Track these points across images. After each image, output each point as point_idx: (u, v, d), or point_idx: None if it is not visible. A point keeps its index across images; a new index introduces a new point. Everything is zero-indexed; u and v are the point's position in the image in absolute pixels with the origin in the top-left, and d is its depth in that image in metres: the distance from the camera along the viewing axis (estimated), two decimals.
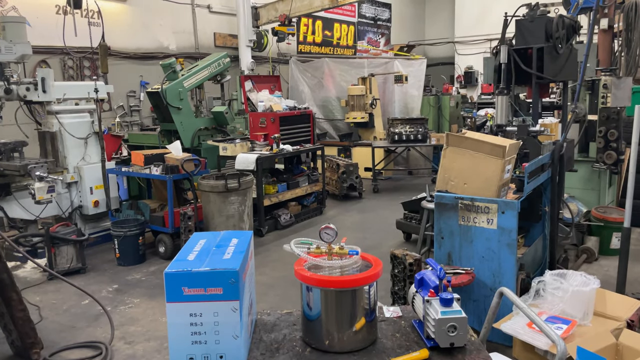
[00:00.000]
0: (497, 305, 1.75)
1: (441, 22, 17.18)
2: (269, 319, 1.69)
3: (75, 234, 5.26)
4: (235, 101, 9.69)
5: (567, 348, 1.50)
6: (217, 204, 5.54)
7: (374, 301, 1.51)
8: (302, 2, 9.76)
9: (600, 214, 5.28)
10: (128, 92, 9.13)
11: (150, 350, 3.71)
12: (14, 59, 5.35)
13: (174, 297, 1.33)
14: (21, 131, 6.03)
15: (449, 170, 3.48)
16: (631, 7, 6.45)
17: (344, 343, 1.46)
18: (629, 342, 2.85)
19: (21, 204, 5.42)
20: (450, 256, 3.49)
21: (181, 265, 1.36)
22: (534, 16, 4.53)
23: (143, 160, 5.91)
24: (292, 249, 1.57)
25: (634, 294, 3.77)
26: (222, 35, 10.90)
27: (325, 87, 11.72)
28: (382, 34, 16.11)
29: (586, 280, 3.16)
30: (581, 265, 4.96)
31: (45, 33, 7.56)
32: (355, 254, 1.55)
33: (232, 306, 1.33)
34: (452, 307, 1.45)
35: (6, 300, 3.26)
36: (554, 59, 4.48)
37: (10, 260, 5.32)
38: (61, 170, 5.83)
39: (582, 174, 5.57)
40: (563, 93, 5.26)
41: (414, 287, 1.62)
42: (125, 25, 9.06)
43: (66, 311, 4.40)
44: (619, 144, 5.09)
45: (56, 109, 5.79)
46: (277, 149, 6.80)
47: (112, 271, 5.37)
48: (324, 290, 1.44)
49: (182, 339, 1.35)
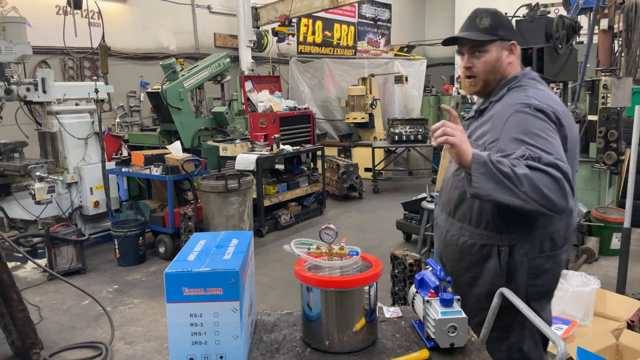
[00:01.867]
0: (497, 305, 1.75)
1: (441, 22, 17.18)
2: (269, 319, 1.69)
3: (76, 234, 5.26)
4: (236, 101, 9.69)
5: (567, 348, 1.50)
6: (217, 204, 5.54)
7: (374, 301, 1.51)
8: (302, 3, 9.76)
9: (601, 215, 5.28)
10: (128, 93, 9.13)
11: (150, 350, 3.71)
12: (14, 60, 5.35)
13: (174, 297, 1.33)
14: (21, 131, 6.03)
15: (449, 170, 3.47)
16: (631, 7, 6.45)
17: (344, 343, 1.46)
18: (629, 343, 2.85)
19: (21, 204, 5.42)
20: None
21: (181, 265, 1.36)
22: (534, 16, 4.54)
23: (143, 160, 5.91)
24: (292, 249, 1.57)
25: (634, 295, 3.76)
26: (222, 35, 10.90)
27: (325, 88, 11.73)
28: (382, 35, 16.11)
29: (586, 281, 3.17)
30: (581, 265, 4.96)
31: (46, 33, 7.56)
32: (355, 254, 1.55)
33: (232, 306, 1.33)
34: (453, 307, 1.45)
35: (6, 301, 3.26)
36: (554, 59, 4.48)
37: (11, 261, 5.32)
38: (61, 171, 5.83)
39: (582, 174, 5.56)
40: (563, 93, 5.27)
41: (414, 288, 1.62)
42: (126, 25, 9.06)
43: (66, 311, 4.40)
44: (619, 144, 5.09)
45: (56, 110, 5.79)
46: (277, 149, 6.80)
47: (112, 271, 5.37)
48: (324, 291, 1.44)
49: (182, 340, 1.35)
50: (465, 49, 1.77)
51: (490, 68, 1.75)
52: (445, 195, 1.91)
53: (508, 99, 1.73)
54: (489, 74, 1.76)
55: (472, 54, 1.75)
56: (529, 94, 1.70)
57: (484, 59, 1.75)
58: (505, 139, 1.61)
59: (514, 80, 1.78)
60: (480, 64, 1.75)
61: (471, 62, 1.75)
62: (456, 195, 1.81)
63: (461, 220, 1.82)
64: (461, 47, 1.78)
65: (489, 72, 1.76)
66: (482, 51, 1.74)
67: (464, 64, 1.77)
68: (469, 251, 1.80)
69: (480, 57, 1.75)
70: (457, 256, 1.85)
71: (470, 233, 1.80)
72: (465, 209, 1.79)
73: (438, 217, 2.02)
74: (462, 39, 1.76)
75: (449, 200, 1.88)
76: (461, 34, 1.77)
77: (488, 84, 1.78)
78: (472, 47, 1.75)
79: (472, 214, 1.78)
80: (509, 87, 1.76)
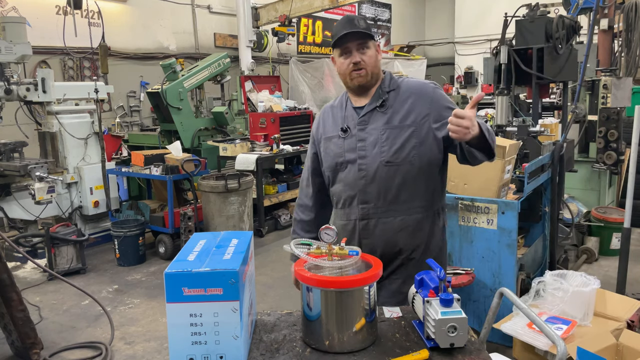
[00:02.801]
0: (497, 305, 1.75)
1: (441, 23, 17.17)
2: (269, 319, 1.69)
3: (75, 234, 5.26)
4: (235, 101, 9.68)
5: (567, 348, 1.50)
6: (217, 204, 5.54)
7: (374, 301, 1.51)
8: (302, 3, 9.76)
9: (600, 215, 5.28)
10: (128, 93, 9.13)
11: (150, 350, 3.71)
12: (14, 60, 5.35)
13: (174, 297, 1.33)
14: (21, 131, 6.03)
15: (449, 170, 3.46)
16: (631, 7, 6.45)
17: (344, 343, 1.46)
18: (629, 343, 2.85)
19: (21, 204, 5.42)
20: (450, 256, 3.49)
21: (181, 265, 1.36)
22: (534, 16, 4.53)
23: (143, 160, 5.91)
24: (292, 249, 1.57)
25: (634, 295, 3.76)
26: (222, 35, 10.90)
27: (325, 88, 11.72)
28: (382, 35, 16.11)
29: (586, 281, 3.16)
30: (581, 265, 4.96)
31: (45, 33, 7.56)
32: (355, 255, 1.56)
33: (232, 306, 1.33)
34: (452, 307, 1.45)
35: (6, 301, 3.26)
36: (554, 59, 4.48)
37: (10, 261, 5.32)
38: (61, 171, 5.83)
39: (582, 174, 5.56)
40: (563, 93, 5.26)
41: (414, 288, 1.62)
42: (126, 25, 9.06)
43: (66, 311, 4.40)
44: (619, 144, 5.09)
45: (56, 110, 5.79)
46: (277, 149, 6.80)
47: (112, 271, 5.37)
48: (324, 291, 1.44)
49: (182, 340, 1.35)
50: (353, 45, 1.95)
51: (374, 61, 1.99)
52: (376, 187, 1.97)
53: (408, 85, 2.04)
54: (373, 67, 1.99)
55: (359, 50, 1.96)
56: (420, 79, 2.16)
57: (369, 53, 1.97)
58: (440, 110, 1.96)
59: (389, 75, 2.09)
60: (367, 58, 1.97)
61: (360, 57, 1.96)
62: (389, 184, 1.96)
63: (408, 201, 1.99)
64: (349, 44, 1.96)
65: (374, 65, 2.00)
66: (366, 47, 1.97)
67: (353, 60, 1.96)
68: (421, 225, 2.02)
69: (365, 52, 1.97)
70: (411, 234, 2.01)
71: (418, 208, 2.01)
72: (402, 191, 1.97)
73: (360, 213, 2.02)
74: (351, 37, 1.94)
75: (385, 190, 1.97)
76: (355, 29, 1.94)
77: (372, 76, 2.00)
78: (359, 44, 1.96)
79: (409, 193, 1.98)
80: (392, 79, 2.07)
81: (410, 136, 1.94)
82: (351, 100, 2.08)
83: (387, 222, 1.98)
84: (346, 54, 1.98)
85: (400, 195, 1.97)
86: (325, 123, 2.14)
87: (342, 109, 2.10)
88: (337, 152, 2.03)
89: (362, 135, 1.99)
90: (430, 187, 2.02)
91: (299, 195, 2.31)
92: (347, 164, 2.01)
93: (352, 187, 2.01)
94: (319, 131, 2.16)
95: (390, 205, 1.98)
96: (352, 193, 2.01)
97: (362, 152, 1.98)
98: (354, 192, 2.00)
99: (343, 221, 2.07)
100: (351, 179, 2.00)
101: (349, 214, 2.04)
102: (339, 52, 2.00)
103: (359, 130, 2.00)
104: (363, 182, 1.98)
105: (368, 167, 1.97)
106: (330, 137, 2.08)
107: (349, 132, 2.02)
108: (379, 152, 1.95)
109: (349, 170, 2.01)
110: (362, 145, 1.98)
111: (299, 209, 2.27)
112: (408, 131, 1.95)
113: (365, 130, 1.99)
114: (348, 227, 2.04)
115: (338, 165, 2.03)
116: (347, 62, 1.98)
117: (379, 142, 1.96)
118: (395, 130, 1.95)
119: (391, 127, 1.96)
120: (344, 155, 2.01)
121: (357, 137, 1.99)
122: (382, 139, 1.96)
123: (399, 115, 1.98)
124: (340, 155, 2.02)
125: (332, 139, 2.07)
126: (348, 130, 2.02)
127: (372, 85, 2.03)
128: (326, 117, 2.15)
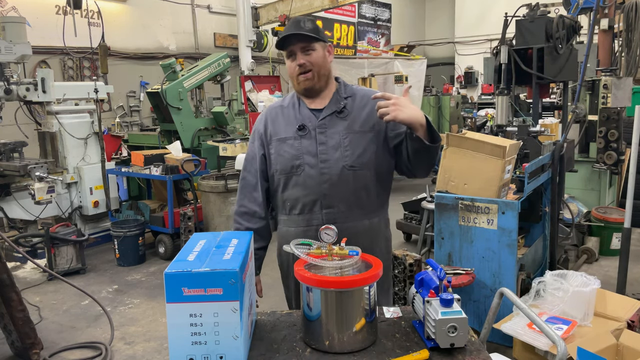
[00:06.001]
0: (497, 305, 1.74)
1: (441, 22, 17.18)
2: (269, 320, 1.69)
3: (75, 235, 5.26)
4: (235, 101, 9.67)
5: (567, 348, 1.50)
6: (217, 204, 5.54)
7: (374, 302, 1.51)
8: (302, 3, 9.76)
9: (601, 215, 5.28)
10: (128, 93, 9.13)
11: (150, 350, 3.71)
12: (14, 59, 5.35)
13: (174, 297, 1.33)
14: (21, 131, 6.03)
15: (449, 170, 3.48)
16: (631, 7, 6.46)
17: (344, 343, 1.46)
18: (629, 343, 2.85)
19: (21, 204, 5.42)
20: (451, 256, 3.49)
21: (181, 265, 1.36)
22: (534, 16, 4.54)
23: (143, 160, 5.91)
24: (292, 249, 1.57)
25: (634, 295, 3.77)
26: (222, 35, 10.90)
27: None
28: (382, 34, 16.11)
29: (586, 281, 3.16)
30: (581, 265, 4.96)
31: (45, 33, 7.56)
32: (355, 255, 1.55)
33: (232, 306, 1.33)
34: (453, 307, 1.45)
35: (6, 301, 3.26)
36: (554, 59, 4.48)
37: (10, 261, 5.32)
38: (61, 171, 5.83)
39: (582, 174, 5.56)
40: (563, 93, 5.27)
41: (414, 288, 1.62)
42: (125, 25, 9.06)
43: (66, 311, 4.40)
44: (619, 144, 5.09)
45: (56, 109, 5.79)
46: None
47: (112, 271, 5.37)
48: (324, 291, 1.44)
49: (182, 340, 1.34)
50: (297, 47, 1.93)
51: (321, 63, 1.96)
52: (340, 191, 1.95)
53: (363, 93, 2.05)
54: (320, 68, 1.96)
55: (304, 52, 1.93)
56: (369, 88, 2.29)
57: (315, 55, 1.94)
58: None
59: (343, 82, 2.10)
60: (312, 59, 1.94)
61: (305, 59, 1.93)
62: (353, 187, 1.96)
63: (368, 205, 2.01)
64: (293, 47, 1.94)
65: (321, 67, 1.96)
66: (311, 49, 1.94)
67: (298, 62, 1.94)
68: (377, 228, 2.06)
69: (311, 54, 1.94)
70: (373, 237, 2.04)
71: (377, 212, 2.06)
72: (363, 195, 1.99)
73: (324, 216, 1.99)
74: (294, 39, 1.92)
75: (348, 195, 1.96)
76: (299, 31, 1.92)
77: (320, 78, 1.97)
78: (304, 46, 1.93)
79: (368, 197, 2.00)
80: (347, 86, 2.08)
81: (370, 142, 1.96)
82: (304, 101, 2.04)
83: (351, 226, 1.95)
84: (292, 56, 1.96)
85: (362, 199, 1.98)
86: (275, 123, 2.04)
87: (294, 109, 2.03)
88: (293, 154, 1.96)
89: (322, 138, 1.95)
90: (386, 191, 2.08)
91: (239, 202, 2.14)
92: (305, 166, 1.95)
93: (314, 191, 1.95)
94: (268, 131, 2.05)
95: (353, 209, 1.97)
96: (314, 197, 1.96)
97: (324, 155, 1.94)
98: (316, 196, 1.95)
99: (302, 227, 2.01)
100: (312, 183, 1.94)
101: (310, 220, 1.98)
102: (286, 54, 1.98)
103: (319, 133, 1.96)
104: (327, 186, 1.94)
105: (331, 170, 1.93)
106: (284, 139, 2.00)
107: (308, 132, 1.96)
108: (341, 156, 1.93)
109: (307, 174, 1.95)
110: (324, 149, 1.94)
111: (242, 218, 2.12)
112: (368, 137, 1.96)
113: (326, 134, 1.95)
114: (309, 233, 1.93)
115: (294, 168, 1.96)
116: (293, 65, 1.95)
117: (342, 146, 1.94)
118: (357, 135, 1.95)
119: (353, 132, 1.95)
120: (301, 158, 1.95)
121: (318, 140, 1.95)
122: (345, 144, 1.94)
123: (359, 121, 1.98)
124: (297, 158, 1.96)
125: (286, 141, 1.99)
126: (307, 129, 1.97)
127: (322, 88, 2.01)
128: (275, 117, 2.06)
